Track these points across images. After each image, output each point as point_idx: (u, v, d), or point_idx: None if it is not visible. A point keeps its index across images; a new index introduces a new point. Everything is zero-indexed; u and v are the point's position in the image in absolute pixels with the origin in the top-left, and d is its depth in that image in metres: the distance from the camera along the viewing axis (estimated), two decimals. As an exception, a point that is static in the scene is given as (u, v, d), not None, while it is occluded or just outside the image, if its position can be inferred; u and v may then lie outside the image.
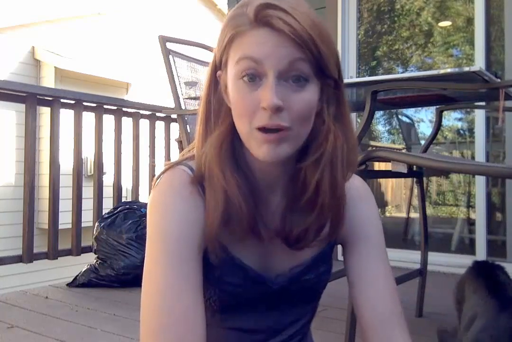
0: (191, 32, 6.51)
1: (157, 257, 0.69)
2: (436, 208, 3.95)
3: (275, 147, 0.67)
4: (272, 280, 0.78)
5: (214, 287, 0.74)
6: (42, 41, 5.91)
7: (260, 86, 0.66)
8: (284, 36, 0.64)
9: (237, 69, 0.67)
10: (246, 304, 0.78)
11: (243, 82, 0.67)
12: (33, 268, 2.92)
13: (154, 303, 0.66)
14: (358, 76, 3.53)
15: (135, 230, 2.55)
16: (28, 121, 2.60)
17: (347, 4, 3.49)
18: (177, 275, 0.67)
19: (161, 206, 0.71)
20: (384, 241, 0.83)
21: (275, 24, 0.63)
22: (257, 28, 0.65)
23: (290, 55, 0.64)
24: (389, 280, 0.79)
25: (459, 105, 2.21)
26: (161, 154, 3.41)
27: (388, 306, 0.77)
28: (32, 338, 1.74)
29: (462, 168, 1.29)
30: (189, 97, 2.07)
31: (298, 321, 0.84)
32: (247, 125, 0.67)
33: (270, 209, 0.76)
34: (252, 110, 0.66)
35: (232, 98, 0.70)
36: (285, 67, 0.65)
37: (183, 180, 0.72)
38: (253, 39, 0.65)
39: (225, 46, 0.69)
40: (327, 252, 0.82)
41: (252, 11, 0.65)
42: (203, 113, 0.75)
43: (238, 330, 0.80)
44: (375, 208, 0.85)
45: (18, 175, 4.91)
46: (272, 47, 0.64)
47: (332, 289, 0.85)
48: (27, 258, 2.55)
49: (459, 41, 3.62)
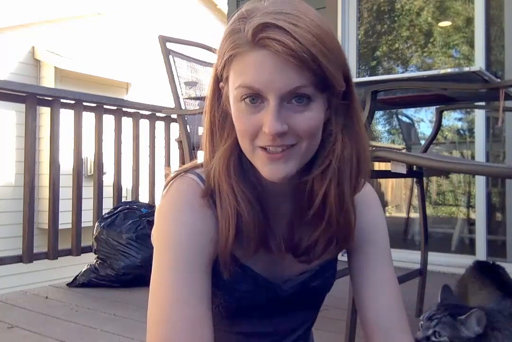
0: (191, 32, 6.51)
1: (165, 266, 0.68)
2: (436, 208, 3.95)
3: (280, 167, 0.65)
4: (281, 287, 0.78)
5: (223, 293, 0.74)
6: (42, 41, 5.90)
7: (262, 108, 0.64)
8: (283, 59, 0.60)
9: (237, 92, 0.65)
10: (255, 309, 0.78)
11: (244, 103, 0.65)
12: (33, 268, 2.92)
13: (162, 313, 0.65)
14: (358, 76, 3.53)
15: (135, 230, 2.54)
16: (28, 121, 2.60)
17: (347, 4, 3.49)
18: (185, 285, 0.66)
19: (171, 216, 0.70)
20: (389, 246, 0.83)
21: (272, 46, 0.60)
22: (255, 50, 0.62)
23: (290, 82, 0.62)
24: (396, 286, 0.80)
25: (459, 105, 2.21)
26: (161, 154, 3.41)
27: (395, 312, 0.77)
28: (32, 338, 1.74)
29: (462, 169, 1.30)
30: (189, 97, 2.07)
31: (303, 325, 0.85)
32: (250, 145, 0.66)
33: (278, 221, 0.75)
34: (254, 132, 0.65)
35: (234, 117, 0.68)
36: (286, 93, 0.63)
37: (193, 190, 0.71)
38: (252, 64, 0.63)
39: (224, 63, 0.67)
40: (333, 258, 0.83)
41: (250, 31, 0.61)
42: (208, 125, 0.74)
43: (246, 335, 0.80)
44: (382, 213, 0.84)
45: (18, 175, 4.91)
46: (271, 74, 0.61)
47: (332, 289, 0.85)
48: (27, 258, 2.55)
49: (459, 41, 3.62)
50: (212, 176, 0.71)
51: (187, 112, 2.10)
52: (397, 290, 0.79)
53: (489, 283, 1.34)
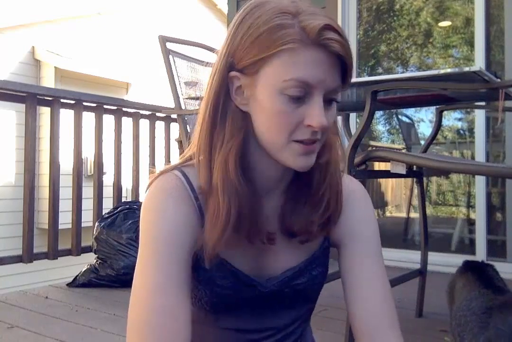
0: (191, 32, 6.51)
1: (147, 257, 0.70)
2: (436, 208, 3.96)
3: (310, 157, 0.71)
4: (263, 284, 0.78)
5: (204, 288, 0.75)
6: (42, 41, 5.91)
7: (303, 103, 0.67)
8: (337, 60, 0.66)
9: (285, 85, 0.66)
10: (238, 305, 0.78)
11: (288, 97, 0.66)
12: (33, 268, 2.92)
13: (142, 301, 0.67)
14: (358, 76, 3.53)
15: (135, 230, 2.54)
16: (28, 121, 2.60)
17: (347, 4, 3.49)
18: (165, 275, 0.68)
19: (152, 208, 0.72)
20: (380, 243, 0.83)
21: (332, 47, 0.64)
22: (311, 48, 0.64)
23: (337, 82, 0.68)
24: (385, 281, 0.79)
25: (459, 105, 2.21)
26: (161, 154, 3.41)
27: (382, 307, 0.76)
28: (32, 338, 1.74)
29: (462, 169, 1.30)
30: (189, 97, 2.07)
31: (294, 321, 0.85)
32: (285, 138, 0.68)
33: (265, 213, 0.76)
34: (294, 126, 0.68)
35: (268, 109, 0.68)
36: (331, 91, 0.68)
37: (174, 184, 0.73)
38: (308, 61, 0.65)
39: (263, 55, 0.66)
40: (320, 255, 0.82)
41: (315, 30, 0.63)
42: (211, 118, 0.72)
43: (233, 330, 0.80)
44: (372, 209, 0.85)
45: (18, 175, 4.91)
46: (325, 71, 0.66)
47: (332, 289, 0.85)
48: (27, 258, 2.55)
49: (459, 41, 3.62)
50: (215, 169, 0.71)
51: (187, 112, 2.10)
52: (386, 286, 0.79)
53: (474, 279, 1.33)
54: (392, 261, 2.76)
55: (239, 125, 0.71)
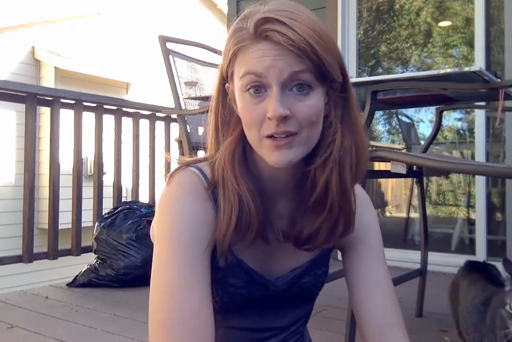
0: (191, 32, 6.51)
1: (169, 254, 0.70)
2: (436, 208, 3.95)
3: (285, 152, 0.69)
4: (273, 283, 0.80)
5: (217, 287, 0.76)
6: (42, 41, 5.90)
7: (266, 97, 0.68)
8: (283, 48, 0.66)
9: (242, 82, 0.69)
10: (247, 305, 0.79)
11: (249, 94, 0.69)
12: (33, 268, 2.92)
13: (167, 299, 0.67)
14: (358, 76, 3.53)
15: (135, 230, 2.55)
16: (28, 121, 2.60)
17: (347, 4, 3.49)
18: (190, 272, 0.68)
19: (172, 205, 0.73)
20: (382, 245, 0.85)
21: (274, 38, 0.65)
22: (257, 42, 0.67)
23: (290, 67, 0.66)
24: (390, 285, 0.81)
25: (459, 105, 2.21)
26: (161, 154, 3.41)
27: (390, 306, 0.79)
28: (32, 338, 1.74)
29: (462, 169, 1.30)
30: (189, 97, 2.07)
31: (297, 321, 0.86)
32: (256, 134, 0.70)
33: (277, 213, 0.77)
34: (259, 121, 0.68)
35: (240, 109, 0.72)
36: (287, 79, 0.67)
37: (193, 182, 0.74)
38: (255, 54, 0.67)
39: (229, 60, 0.72)
40: (324, 255, 0.84)
41: (252, 26, 0.67)
42: (214, 123, 0.78)
43: (239, 329, 0.82)
44: (374, 214, 0.88)
45: (18, 175, 4.91)
46: (272, 60, 0.66)
47: (332, 289, 0.86)
48: (27, 258, 2.55)
49: (459, 41, 3.62)
50: (216, 167, 0.74)
51: (187, 112, 2.10)
52: (391, 288, 0.81)
53: (479, 279, 1.34)
54: (392, 261, 2.76)
55: (239, 129, 0.75)
